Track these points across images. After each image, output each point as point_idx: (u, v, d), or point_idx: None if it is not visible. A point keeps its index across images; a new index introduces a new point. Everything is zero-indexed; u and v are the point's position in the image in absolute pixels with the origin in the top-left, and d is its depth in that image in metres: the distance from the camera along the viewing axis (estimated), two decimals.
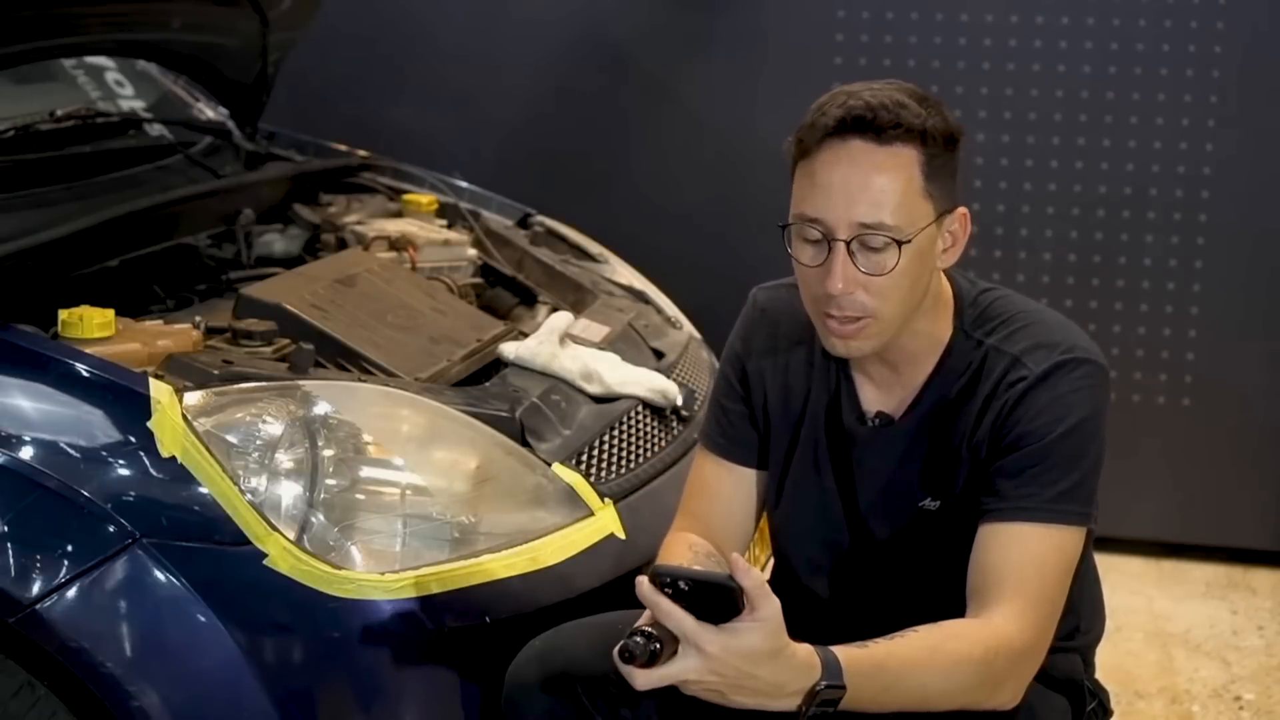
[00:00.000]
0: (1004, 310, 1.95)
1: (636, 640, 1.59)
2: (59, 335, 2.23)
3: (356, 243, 2.99)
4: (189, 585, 1.98)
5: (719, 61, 4.20)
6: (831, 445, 2.01)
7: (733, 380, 2.09)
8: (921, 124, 1.81)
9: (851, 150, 1.81)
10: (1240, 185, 4.00)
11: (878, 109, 1.80)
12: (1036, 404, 1.86)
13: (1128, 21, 3.99)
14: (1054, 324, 1.94)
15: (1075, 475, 1.84)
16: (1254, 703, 3.41)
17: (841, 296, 1.83)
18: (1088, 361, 1.88)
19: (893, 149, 1.81)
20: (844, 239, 1.81)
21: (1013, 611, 1.78)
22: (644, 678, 1.60)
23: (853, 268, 1.82)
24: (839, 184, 1.81)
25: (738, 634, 1.58)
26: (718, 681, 1.60)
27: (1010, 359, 1.89)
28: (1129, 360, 4.10)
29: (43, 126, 2.89)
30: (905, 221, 1.81)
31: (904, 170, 1.81)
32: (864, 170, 1.80)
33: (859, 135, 1.80)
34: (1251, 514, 4.12)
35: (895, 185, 1.81)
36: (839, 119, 1.81)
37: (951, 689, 1.74)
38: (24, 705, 2.00)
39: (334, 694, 2.03)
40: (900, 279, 1.83)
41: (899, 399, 1.97)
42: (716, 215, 4.28)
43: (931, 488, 1.95)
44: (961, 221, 1.90)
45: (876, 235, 1.81)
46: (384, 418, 2.22)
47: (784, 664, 1.61)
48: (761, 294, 2.13)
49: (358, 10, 4.30)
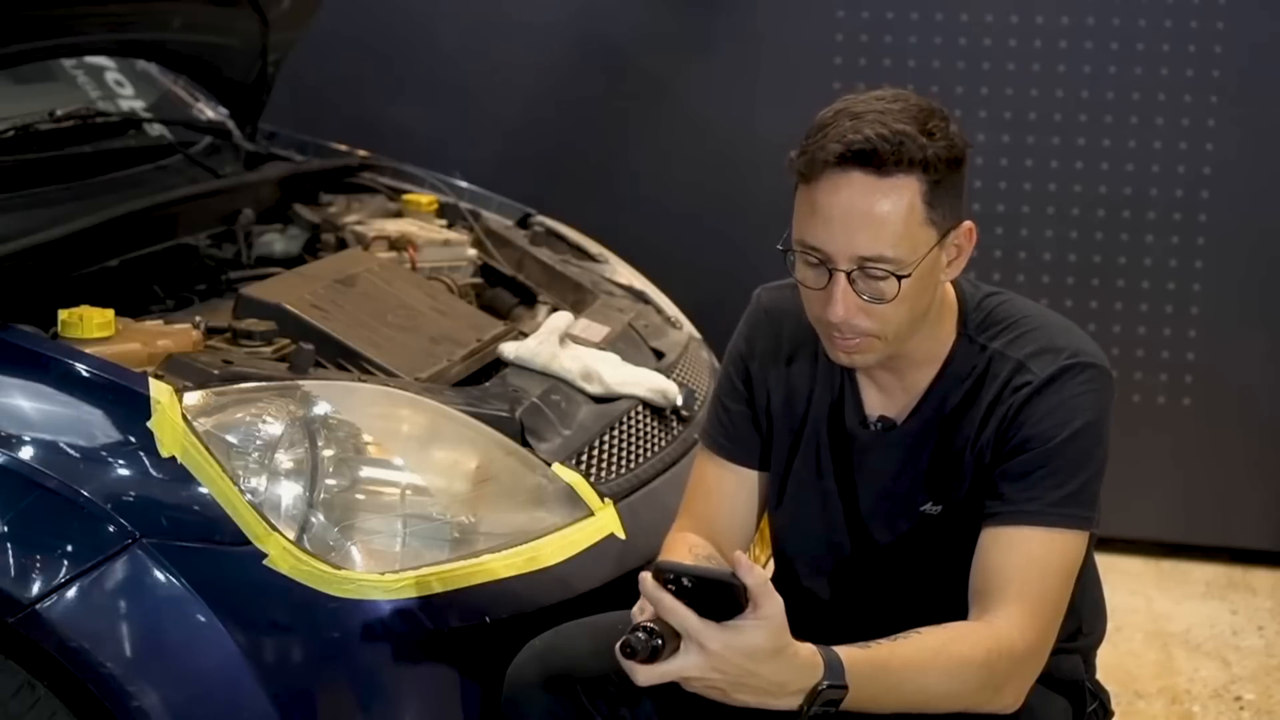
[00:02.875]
0: (1008, 315, 1.94)
1: (639, 636, 1.59)
2: (59, 335, 2.23)
3: (356, 243, 2.98)
4: (189, 585, 1.98)
5: (719, 61, 4.20)
6: (833, 448, 2.01)
7: (735, 381, 2.09)
8: (924, 154, 1.78)
9: (852, 182, 1.78)
10: (1240, 185, 4.00)
11: (878, 142, 1.76)
12: (1041, 408, 1.85)
13: (1128, 21, 3.99)
14: (1058, 328, 1.93)
15: (1079, 479, 1.84)
16: (1254, 703, 3.41)
17: (843, 323, 1.83)
18: (1092, 366, 1.88)
19: (894, 180, 1.78)
20: (845, 269, 1.81)
21: (1015, 614, 1.78)
22: (645, 674, 1.60)
23: (854, 295, 1.81)
24: (839, 216, 1.79)
25: (740, 631, 1.58)
26: (719, 679, 1.60)
27: (1015, 364, 1.89)
28: (1129, 360, 4.10)
29: (43, 126, 2.89)
30: (906, 253, 1.79)
31: (905, 200, 1.78)
32: (864, 203, 1.78)
33: (860, 168, 1.78)
34: (1252, 514, 4.12)
35: (896, 217, 1.78)
36: (839, 154, 1.78)
37: (953, 690, 1.73)
38: (24, 705, 2.00)
39: (334, 694, 2.03)
40: (901, 305, 1.82)
41: (902, 403, 1.97)
42: (716, 215, 4.28)
43: (933, 492, 1.94)
44: (967, 235, 1.88)
45: (877, 268, 1.80)
46: (384, 418, 2.22)
47: (786, 663, 1.61)
48: (766, 294, 2.12)
49: (358, 10, 4.30)
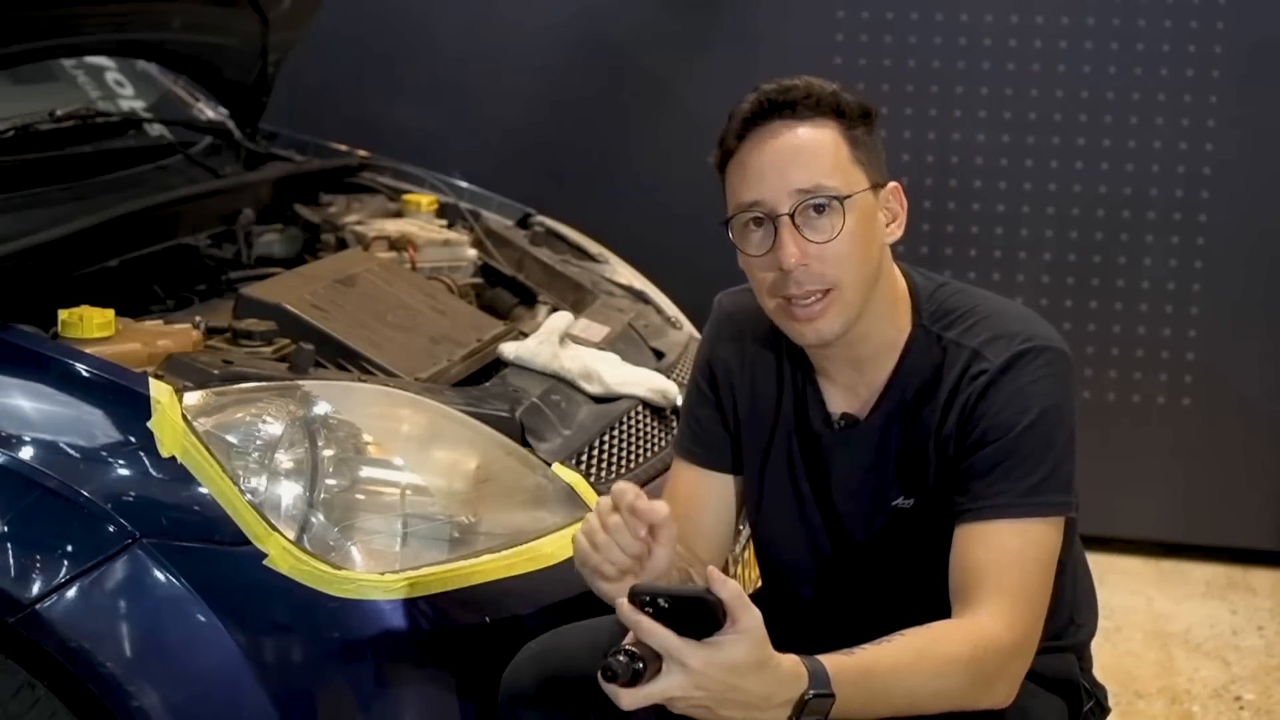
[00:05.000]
0: (962, 304, 1.95)
1: (619, 660, 1.58)
2: (59, 335, 2.23)
3: (356, 243, 2.99)
4: (189, 585, 1.98)
5: (719, 61, 4.20)
6: (803, 449, 2.01)
7: (703, 387, 2.09)
8: (836, 100, 1.88)
9: (774, 129, 1.87)
10: (1240, 185, 4.01)
11: (788, 88, 1.88)
12: (999, 398, 1.85)
13: (1128, 21, 3.99)
14: (1012, 315, 1.93)
15: (1046, 466, 1.84)
16: (1254, 703, 3.41)
17: (796, 271, 1.84)
18: (1047, 349, 1.88)
19: (813, 122, 1.87)
20: (786, 212, 1.85)
21: (997, 609, 1.77)
22: (629, 697, 1.58)
23: (801, 239, 1.85)
24: (769, 161, 1.87)
25: (721, 647, 1.57)
26: (704, 696, 1.59)
27: (970, 352, 1.89)
28: (1129, 360, 4.10)
29: (43, 126, 2.89)
30: (841, 182, 1.86)
31: (828, 139, 1.87)
32: (790, 143, 1.87)
33: (777, 116, 1.87)
34: (1251, 514, 4.12)
35: (824, 150, 1.86)
36: (755, 103, 1.89)
37: (942, 690, 1.73)
38: (24, 705, 2.00)
39: (334, 694, 2.03)
40: (850, 243, 1.85)
41: (863, 399, 1.97)
42: (716, 215, 4.27)
43: (903, 486, 1.94)
44: (896, 196, 1.94)
45: (817, 196, 1.84)
46: (384, 418, 2.22)
47: (770, 675, 1.60)
48: (726, 299, 2.14)
49: (358, 11, 4.30)
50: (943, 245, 4.16)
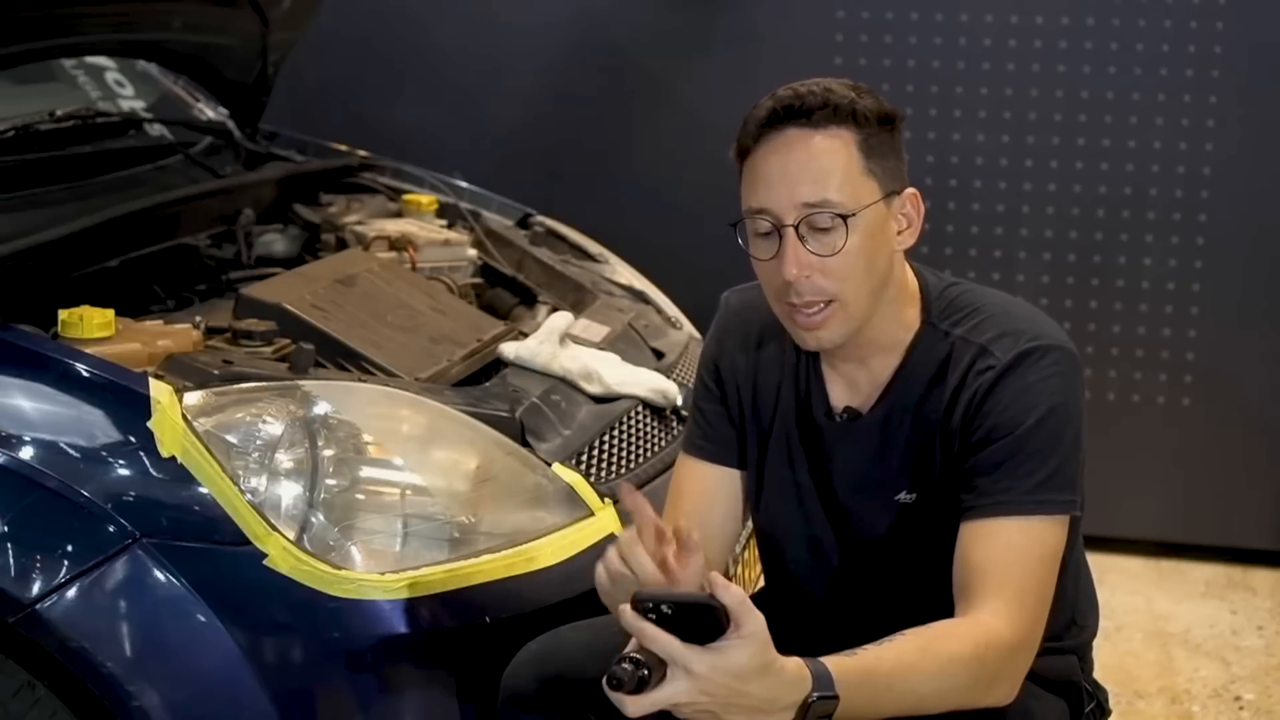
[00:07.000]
0: (971, 302, 1.95)
1: (624, 667, 1.58)
2: (59, 335, 2.23)
3: (356, 243, 2.99)
4: (189, 585, 1.98)
5: (719, 61, 4.20)
6: (804, 441, 2.01)
7: (708, 382, 2.09)
8: (850, 104, 1.86)
9: (787, 138, 1.85)
10: (1240, 185, 4.01)
11: (805, 95, 1.86)
12: (1006, 395, 1.85)
13: (1128, 21, 3.99)
14: (1020, 313, 1.94)
15: (1051, 465, 1.84)
16: (1254, 703, 3.41)
17: (798, 282, 1.85)
18: (1055, 348, 1.88)
19: (827, 131, 1.85)
20: (791, 223, 1.84)
21: (1000, 607, 1.77)
22: (635, 704, 1.58)
23: (804, 251, 1.84)
24: (778, 170, 1.85)
25: (725, 652, 1.57)
26: (709, 702, 1.59)
27: (977, 348, 1.89)
28: (1129, 360, 4.10)
29: (43, 126, 2.89)
30: (849, 198, 1.84)
31: (841, 150, 1.85)
32: (801, 154, 1.85)
33: (792, 123, 1.85)
34: (1251, 514, 4.12)
35: (835, 164, 1.84)
36: (770, 109, 1.87)
37: (945, 688, 1.73)
38: (24, 705, 2.01)
39: (334, 694, 2.03)
40: (854, 258, 1.84)
41: (867, 393, 1.97)
42: (716, 215, 4.26)
43: (907, 481, 1.94)
44: (913, 202, 1.92)
45: (821, 213, 1.83)
46: (384, 418, 2.23)
47: (774, 679, 1.60)
48: (734, 296, 2.14)
49: (358, 11, 4.30)
50: (943, 245, 4.16)
